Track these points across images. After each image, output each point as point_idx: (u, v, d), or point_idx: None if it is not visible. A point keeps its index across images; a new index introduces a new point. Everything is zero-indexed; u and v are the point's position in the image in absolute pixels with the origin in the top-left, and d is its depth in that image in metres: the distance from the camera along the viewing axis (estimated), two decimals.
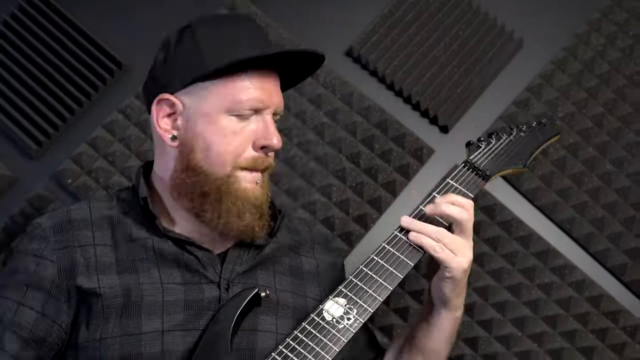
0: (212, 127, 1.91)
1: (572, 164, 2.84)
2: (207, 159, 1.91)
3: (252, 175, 1.93)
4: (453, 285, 1.92)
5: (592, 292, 2.75)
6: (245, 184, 1.92)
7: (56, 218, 1.96)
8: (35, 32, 2.82)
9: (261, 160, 1.93)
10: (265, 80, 1.94)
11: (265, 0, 2.92)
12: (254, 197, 1.93)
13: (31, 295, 1.86)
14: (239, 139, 1.91)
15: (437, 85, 2.87)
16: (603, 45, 2.98)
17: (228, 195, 1.91)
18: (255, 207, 1.93)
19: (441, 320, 1.98)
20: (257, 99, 1.91)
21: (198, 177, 1.92)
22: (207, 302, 1.89)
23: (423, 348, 2.03)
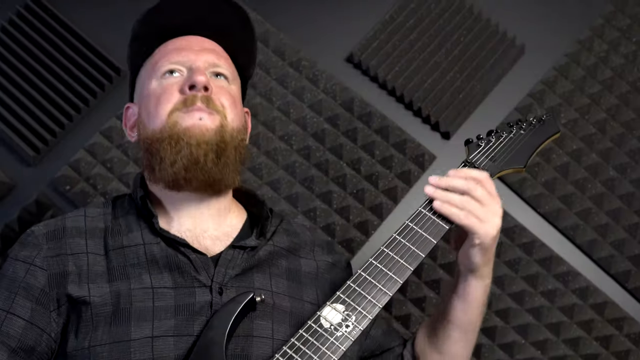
0: (146, 96, 1.99)
1: (575, 170, 2.82)
2: (148, 123, 1.96)
3: (189, 113, 1.91)
4: (482, 253, 1.88)
5: (596, 299, 2.73)
6: (184, 123, 1.91)
7: (51, 226, 1.94)
8: (33, 38, 2.80)
9: (192, 99, 1.92)
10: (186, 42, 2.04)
11: (265, 7, 2.91)
12: (199, 132, 1.89)
13: (20, 304, 1.83)
14: (166, 92, 1.95)
15: (439, 91, 2.85)
16: (606, 51, 2.96)
17: (166, 139, 1.90)
18: (204, 142, 1.90)
19: (472, 290, 1.94)
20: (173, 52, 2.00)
21: (148, 142, 1.96)
22: (198, 306, 1.84)
23: (457, 321, 1.98)
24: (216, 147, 1.90)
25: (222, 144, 1.92)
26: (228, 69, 2.05)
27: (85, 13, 2.86)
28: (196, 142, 1.89)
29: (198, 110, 1.91)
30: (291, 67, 2.84)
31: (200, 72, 1.95)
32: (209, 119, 1.92)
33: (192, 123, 1.90)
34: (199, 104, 1.91)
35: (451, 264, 2.70)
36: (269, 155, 2.76)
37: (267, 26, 2.87)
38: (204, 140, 1.89)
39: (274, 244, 2.03)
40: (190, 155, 1.88)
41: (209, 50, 2.04)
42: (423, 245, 1.87)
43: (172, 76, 1.97)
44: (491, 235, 1.86)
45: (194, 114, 1.91)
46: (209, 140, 1.90)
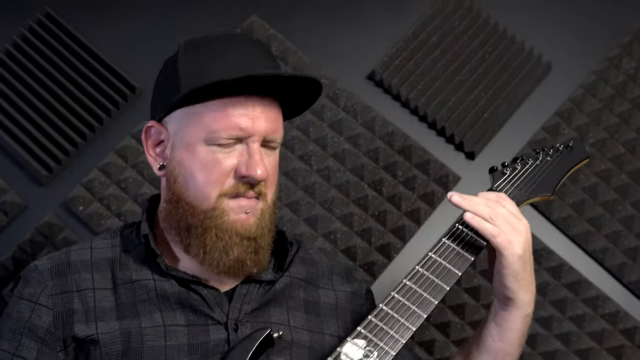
0: (192, 157, 1.83)
1: (604, 191, 2.76)
2: (189, 191, 1.84)
3: (238, 203, 1.82)
4: (514, 277, 1.81)
5: (626, 324, 2.67)
6: (233, 215, 1.82)
7: (55, 260, 1.88)
8: (46, 55, 2.75)
9: (244, 188, 1.82)
10: (245, 107, 1.83)
11: (284, 24, 2.86)
12: (242, 229, 1.82)
13: (26, 345, 1.78)
14: (219, 169, 1.82)
15: (463, 110, 2.79)
16: (635, 68, 2.90)
17: (213, 229, 1.81)
18: (246, 239, 1.83)
19: (510, 319, 1.87)
20: (234, 127, 1.81)
21: (183, 209, 1.84)
22: (213, 345, 1.78)
23: (494, 351, 1.90)
24: (254, 243, 1.84)
25: (260, 238, 1.85)
26: (281, 138, 1.92)
27: (98, 29, 2.82)
28: (240, 239, 1.82)
29: (248, 200, 1.83)
30: None
31: (259, 161, 1.81)
32: (253, 210, 1.84)
33: (238, 217, 1.82)
34: (251, 194, 1.83)
35: (476, 288, 2.64)
36: (288, 176, 2.70)
37: (287, 44, 2.82)
38: (247, 237, 1.83)
39: (291, 275, 1.96)
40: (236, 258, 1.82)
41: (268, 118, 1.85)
42: (447, 277, 1.82)
43: (225, 148, 1.82)
44: (517, 255, 1.80)
45: (242, 204, 1.82)
46: (251, 236, 1.83)
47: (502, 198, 1.89)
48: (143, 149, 2.60)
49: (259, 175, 1.80)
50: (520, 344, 1.93)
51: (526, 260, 1.83)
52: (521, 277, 1.82)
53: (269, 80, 1.83)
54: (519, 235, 1.82)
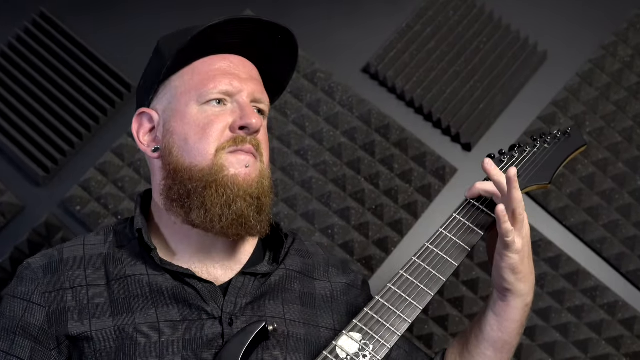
0: (185, 121, 1.85)
1: (601, 180, 2.74)
2: (186, 154, 1.84)
3: (237, 157, 1.83)
4: (512, 270, 1.80)
5: (625, 314, 2.66)
6: (233, 170, 1.82)
7: (48, 258, 1.87)
8: (42, 55, 2.76)
9: (241, 139, 1.83)
10: (231, 66, 1.90)
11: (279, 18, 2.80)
12: (245, 183, 1.82)
13: (19, 344, 1.77)
14: (214, 125, 1.84)
15: (459, 102, 2.78)
16: (631, 56, 2.89)
17: (213, 184, 1.81)
18: (249, 195, 1.82)
19: (509, 308, 1.85)
20: (224, 82, 1.86)
21: (182, 176, 1.84)
22: (207, 339, 1.77)
23: (493, 341, 1.88)
24: (257, 202, 1.84)
25: (263, 197, 1.85)
26: (267, 104, 1.95)
27: (93, 29, 2.82)
28: (243, 194, 1.81)
29: (246, 154, 1.83)
30: (306, 80, 2.78)
31: (252, 111, 1.85)
32: (253, 166, 1.84)
33: (239, 171, 1.82)
34: (248, 146, 1.83)
35: (475, 281, 2.63)
36: (285, 171, 2.70)
37: None
38: (249, 193, 1.82)
39: (287, 268, 1.95)
40: (239, 211, 1.80)
41: (255, 80, 1.92)
42: (444, 268, 1.81)
43: (218, 106, 1.85)
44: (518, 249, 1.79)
45: (242, 158, 1.83)
46: (253, 193, 1.83)
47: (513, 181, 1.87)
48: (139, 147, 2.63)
49: (255, 123, 1.82)
50: (519, 334, 1.91)
51: (525, 254, 1.82)
52: (520, 270, 1.81)
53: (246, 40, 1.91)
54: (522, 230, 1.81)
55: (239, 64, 1.91)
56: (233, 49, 1.93)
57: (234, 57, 1.92)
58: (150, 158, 1.91)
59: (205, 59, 1.90)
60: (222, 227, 1.81)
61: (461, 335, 2.03)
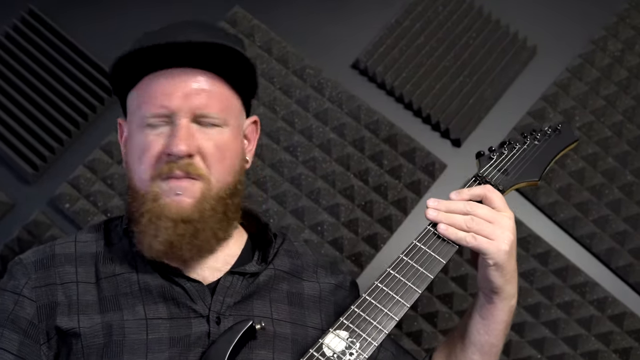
0: (132, 143, 1.88)
1: (591, 175, 2.74)
2: (133, 178, 1.86)
3: (169, 185, 1.81)
4: (499, 272, 1.79)
5: (614, 310, 2.65)
6: (165, 198, 1.80)
7: (39, 253, 1.88)
8: (31, 52, 2.74)
9: (168, 167, 1.80)
10: (172, 82, 1.83)
11: (268, 15, 2.85)
12: (174, 212, 1.80)
13: (7, 337, 1.78)
14: (149, 151, 1.82)
15: (448, 97, 2.78)
16: (621, 50, 2.89)
17: (147, 213, 1.81)
18: (179, 222, 1.80)
19: (496, 312, 1.85)
20: (158, 105, 1.82)
21: (132, 198, 1.87)
22: (194, 338, 1.77)
23: (480, 344, 1.88)
24: (192, 228, 1.81)
25: (201, 222, 1.82)
26: (219, 113, 1.86)
27: (82, 26, 2.81)
28: (172, 223, 1.79)
29: (178, 180, 1.81)
30: (295, 76, 2.77)
31: (182, 135, 1.79)
32: (187, 191, 1.81)
33: (171, 199, 1.80)
34: (178, 173, 1.80)
35: (464, 277, 2.63)
36: (274, 168, 2.69)
37: (271, 34, 2.81)
38: (180, 219, 1.80)
39: (275, 267, 1.95)
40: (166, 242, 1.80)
41: (202, 93, 1.84)
42: (432, 266, 1.80)
43: (155, 129, 1.82)
44: (503, 251, 1.77)
45: (173, 185, 1.81)
46: (185, 218, 1.80)
47: (489, 191, 1.86)
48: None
49: (179, 150, 1.78)
50: (505, 335, 1.91)
51: (511, 254, 1.81)
52: (506, 272, 1.80)
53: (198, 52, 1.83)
54: (504, 231, 1.79)
55: (182, 79, 1.84)
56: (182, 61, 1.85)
57: (178, 71, 1.84)
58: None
59: (150, 76, 1.85)
60: (152, 256, 1.82)
61: (448, 338, 2.03)
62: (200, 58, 1.85)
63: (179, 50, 1.82)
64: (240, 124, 1.94)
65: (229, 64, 1.88)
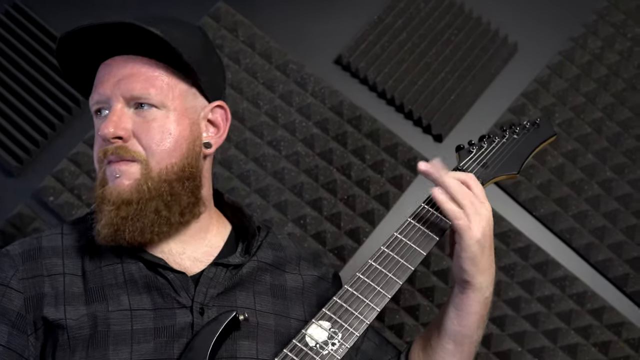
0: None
1: (571, 171, 2.77)
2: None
3: (110, 169, 1.83)
4: (471, 261, 1.79)
5: (593, 304, 2.68)
6: (110, 183, 1.83)
7: (26, 245, 1.88)
8: (15, 46, 2.75)
9: (103, 152, 1.83)
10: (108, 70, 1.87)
11: (252, 10, 2.86)
12: (115, 194, 1.81)
13: None
14: (96, 138, 1.89)
15: (430, 93, 2.80)
16: (600, 48, 2.91)
17: (97, 199, 1.86)
18: (120, 204, 1.81)
19: (469, 302, 1.85)
20: (94, 94, 1.87)
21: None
22: (179, 328, 1.78)
23: (452, 333, 1.89)
24: (133, 210, 1.81)
25: (141, 204, 1.82)
26: (155, 96, 1.85)
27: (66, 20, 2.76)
28: (113, 205, 1.81)
29: (115, 164, 1.82)
30: (278, 71, 2.79)
31: (110, 119, 1.82)
32: (125, 173, 1.82)
33: (113, 183, 1.82)
34: (112, 157, 1.82)
35: (445, 270, 2.65)
36: (257, 162, 2.71)
37: (254, 30, 2.82)
38: (120, 201, 1.81)
39: (258, 260, 1.96)
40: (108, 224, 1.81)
41: (131, 76, 1.85)
42: (412, 257, 1.81)
43: (100, 117, 1.87)
44: (476, 237, 1.78)
45: (112, 169, 1.83)
46: (125, 200, 1.81)
47: (470, 178, 1.87)
48: None
49: (105, 133, 1.80)
50: (480, 327, 1.91)
51: (485, 244, 1.81)
52: (479, 261, 1.81)
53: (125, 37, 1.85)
54: (481, 219, 1.80)
55: (117, 65, 1.86)
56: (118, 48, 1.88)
57: (116, 58, 1.87)
58: None
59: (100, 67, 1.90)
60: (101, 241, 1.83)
61: (424, 331, 2.04)
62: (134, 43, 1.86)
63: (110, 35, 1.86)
64: (190, 107, 1.91)
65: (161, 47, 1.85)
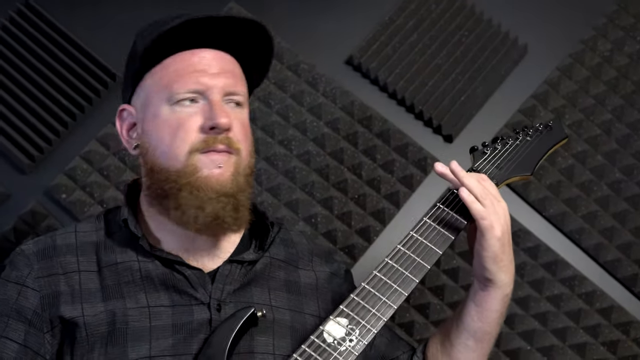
0: (158, 121, 1.86)
1: (580, 172, 2.78)
2: (161, 155, 1.85)
3: (210, 158, 1.83)
4: (493, 259, 1.82)
5: (602, 303, 2.69)
6: (206, 171, 1.82)
7: (41, 244, 1.89)
8: (26, 44, 2.75)
9: (212, 139, 1.83)
10: (200, 62, 1.87)
11: (262, 10, 2.86)
12: (217, 184, 1.82)
13: (13, 327, 1.79)
14: (185, 126, 1.83)
15: (441, 94, 2.81)
16: (610, 50, 2.92)
17: (187, 186, 1.82)
18: (223, 195, 1.83)
19: (490, 300, 1.88)
20: (192, 80, 1.85)
21: (158, 176, 1.86)
22: (197, 324, 1.80)
23: (474, 331, 1.91)
24: (233, 200, 1.84)
25: (239, 194, 1.85)
26: (244, 94, 1.93)
27: (78, 18, 2.81)
28: (216, 195, 1.82)
29: (218, 154, 1.83)
30: (290, 71, 2.80)
31: (221, 109, 1.83)
32: (226, 165, 1.84)
33: (212, 172, 1.82)
34: (220, 146, 1.83)
35: (455, 269, 2.67)
36: (269, 161, 2.71)
37: None
38: (223, 193, 1.82)
39: (271, 256, 1.98)
40: (213, 213, 1.81)
41: (226, 72, 1.89)
42: (428, 256, 1.83)
43: (188, 105, 1.85)
44: (496, 236, 1.81)
45: (214, 158, 1.83)
46: (227, 192, 1.83)
47: (483, 179, 1.90)
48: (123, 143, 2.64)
49: (223, 122, 1.81)
50: (499, 324, 1.94)
51: (505, 242, 1.84)
52: (500, 259, 1.83)
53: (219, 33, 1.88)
54: (499, 217, 1.83)
55: (211, 58, 1.89)
56: (206, 43, 1.90)
57: (206, 51, 1.89)
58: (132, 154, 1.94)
59: (175, 56, 1.88)
60: (198, 228, 1.84)
61: (443, 325, 2.06)
62: (226, 39, 1.90)
63: (212, 29, 1.87)
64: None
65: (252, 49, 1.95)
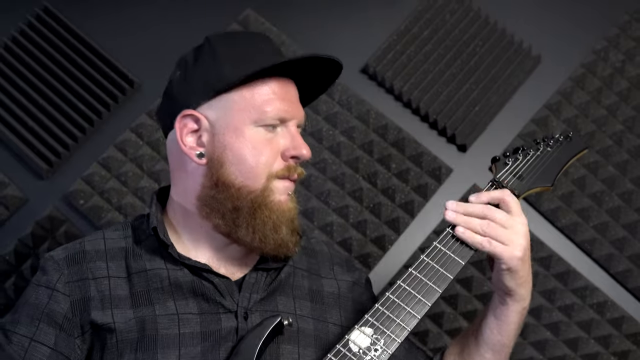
0: (241, 139, 1.86)
1: (592, 183, 2.80)
2: (239, 173, 1.85)
3: (284, 185, 1.88)
4: (512, 276, 1.83)
5: (613, 313, 2.70)
6: (279, 196, 1.87)
7: (70, 250, 1.91)
8: (46, 50, 2.78)
9: (293, 168, 1.89)
10: (287, 91, 1.91)
11: (278, 18, 2.89)
12: (287, 210, 1.88)
13: (44, 331, 1.81)
14: (269, 150, 1.87)
15: (455, 103, 2.83)
16: (622, 61, 2.94)
17: (263, 208, 1.85)
18: (290, 220, 1.89)
19: (509, 313, 1.89)
20: (282, 109, 1.87)
21: (230, 192, 1.86)
22: (224, 332, 1.82)
23: (492, 343, 1.93)
24: (293, 226, 1.90)
25: (296, 220, 1.92)
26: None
27: (97, 24, 2.84)
28: (286, 220, 1.87)
29: (290, 183, 1.90)
30: None
31: (303, 141, 1.90)
32: (292, 193, 1.92)
33: (283, 198, 1.88)
34: (295, 176, 1.90)
35: (469, 279, 2.68)
36: None
37: (282, 37, 2.85)
38: (290, 219, 1.88)
39: (294, 265, 2.01)
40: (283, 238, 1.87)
41: (299, 103, 1.96)
42: (452, 266, 1.84)
43: (271, 130, 1.88)
44: (517, 257, 1.81)
45: (287, 185, 1.89)
46: (293, 218, 1.90)
47: (507, 195, 1.89)
48: (142, 143, 2.65)
49: (306, 154, 1.88)
50: (516, 335, 1.95)
51: (525, 259, 1.84)
52: (519, 276, 1.84)
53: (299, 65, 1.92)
54: (518, 236, 1.83)
55: (290, 88, 1.93)
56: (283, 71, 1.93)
57: (286, 81, 1.93)
58: (190, 161, 1.90)
59: (264, 79, 1.89)
60: (262, 248, 1.88)
61: (460, 337, 2.08)
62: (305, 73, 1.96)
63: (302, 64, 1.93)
64: None
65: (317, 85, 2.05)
